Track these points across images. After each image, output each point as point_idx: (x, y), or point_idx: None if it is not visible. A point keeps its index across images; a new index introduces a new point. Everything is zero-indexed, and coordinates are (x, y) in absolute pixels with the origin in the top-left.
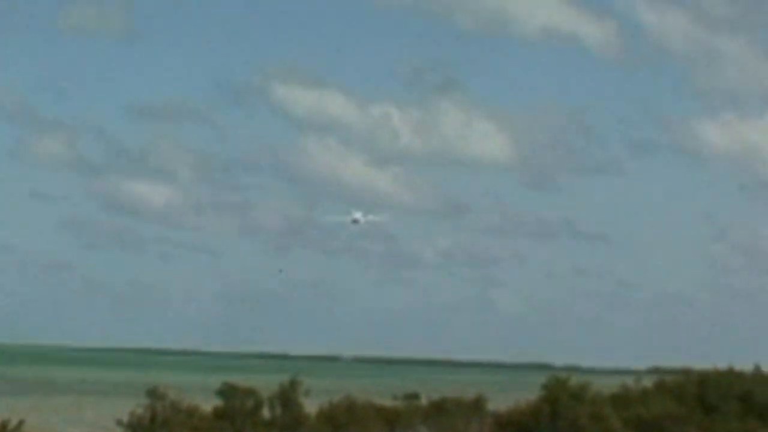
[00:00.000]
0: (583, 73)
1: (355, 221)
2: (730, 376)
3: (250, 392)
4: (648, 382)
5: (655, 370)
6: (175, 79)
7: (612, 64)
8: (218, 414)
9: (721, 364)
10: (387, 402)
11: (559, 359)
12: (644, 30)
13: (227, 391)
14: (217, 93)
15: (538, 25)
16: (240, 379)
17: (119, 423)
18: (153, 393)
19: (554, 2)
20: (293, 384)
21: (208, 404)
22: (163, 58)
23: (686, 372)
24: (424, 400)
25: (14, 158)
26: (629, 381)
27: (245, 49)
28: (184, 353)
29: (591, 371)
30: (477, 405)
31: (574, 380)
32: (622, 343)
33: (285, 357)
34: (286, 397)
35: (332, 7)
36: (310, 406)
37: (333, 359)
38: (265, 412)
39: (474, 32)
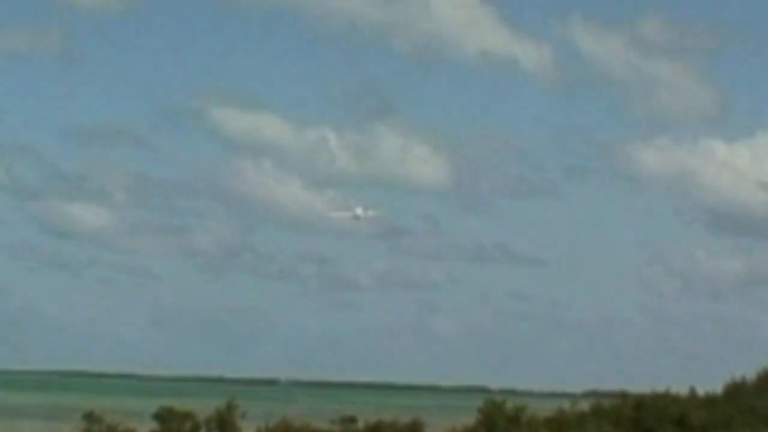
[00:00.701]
0: (520, 96)
1: (356, 217)
2: (666, 399)
3: (187, 415)
4: (584, 406)
5: (591, 393)
6: (113, 101)
7: (548, 88)
8: None
9: (658, 388)
10: (324, 425)
11: (495, 382)
12: (580, 54)
13: (164, 415)
14: (154, 116)
15: (474, 49)
16: (177, 403)
17: None
18: (89, 416)
19: (491, 26)
20: (230, 407)
21: (145, 427)
22: (100, 81)
23: (623, 395)
24: (361, 424)
25: None
26: (565, 404)
27: (182, 72)
28: (120, 376)
29: (527, 394)
30: (414, 429)
31: (511, 403)
32: (559, 366)
33: (222, 380)
34: (223, 421)
35: (268, 31)
36: (248, 430)
37: (270, 383)
38: None
39: (410, 56)
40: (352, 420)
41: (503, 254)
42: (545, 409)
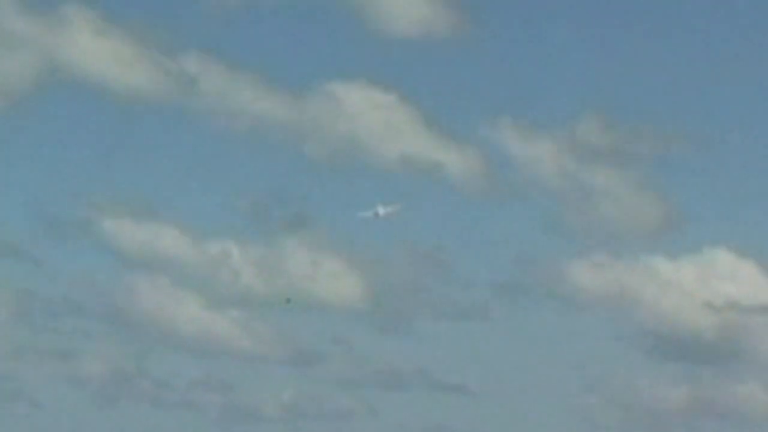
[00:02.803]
0: (444, 206)
1: (377, 215)
2: None
3: None
4: None
5: None
6: None
7: (475, 197)
8: None
9: None
10: None
11: None
12: (511, 161)
13: None
14: (37, 226)
15: (393, 154)
16: None
17: None
18: None
19: (412, 129)
20: None
21: None
22: None
23: None
24: None
25: None
26: None
27: (69, 177)
28: None
29: None
30: None
31: None
32: None
33: None
34: None
35: (166, 133)
36: None
37: None
38: None
39: (323, 161)
40: None
41: (425, 381)
42: None
